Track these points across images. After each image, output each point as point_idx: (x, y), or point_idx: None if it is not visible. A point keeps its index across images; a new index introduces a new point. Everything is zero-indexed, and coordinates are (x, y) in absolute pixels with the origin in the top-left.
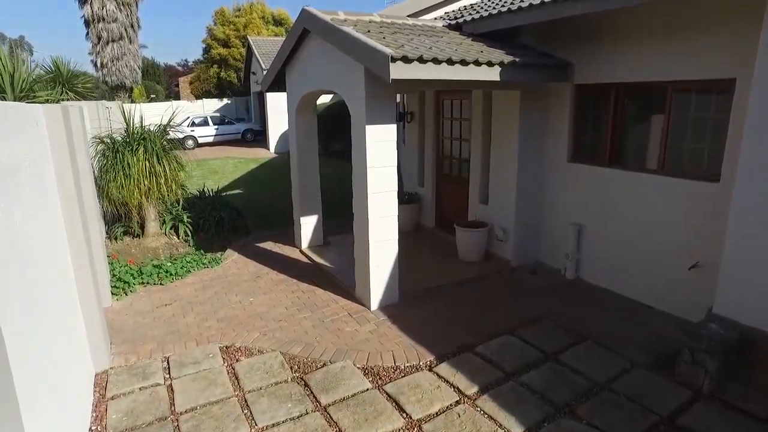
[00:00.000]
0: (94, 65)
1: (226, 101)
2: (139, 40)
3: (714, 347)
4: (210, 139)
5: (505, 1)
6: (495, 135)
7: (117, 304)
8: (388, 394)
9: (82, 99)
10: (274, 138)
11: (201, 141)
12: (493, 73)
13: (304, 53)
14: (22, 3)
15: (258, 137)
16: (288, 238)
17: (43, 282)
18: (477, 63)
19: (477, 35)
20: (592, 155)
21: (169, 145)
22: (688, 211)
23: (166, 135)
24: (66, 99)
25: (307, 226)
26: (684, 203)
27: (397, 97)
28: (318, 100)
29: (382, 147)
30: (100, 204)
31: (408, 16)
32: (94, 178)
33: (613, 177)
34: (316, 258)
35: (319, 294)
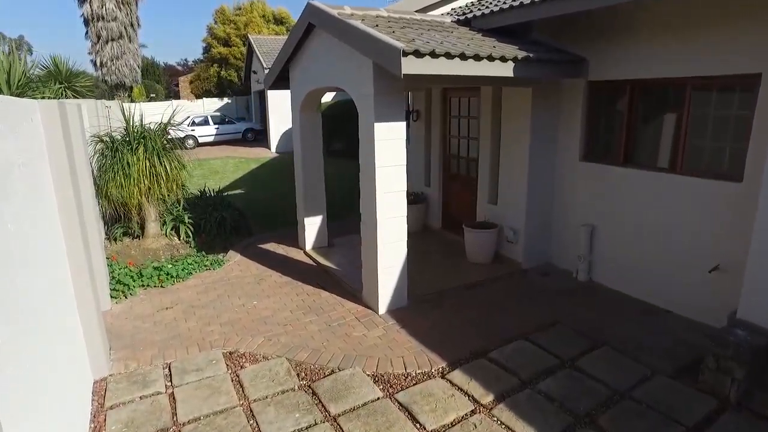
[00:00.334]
0: (94, 64)
1: (226, 101)
2: (139, 40)
3: (741, 354)
4: (210, 138)
5: None
6: (505, 133)
7: (116, 308)
8: (400, 403)
9: (81, 98)
10: (275, 137)
11: (201, 140)
12: (506, 69)
13: (309, 49)
14: (22, 3)
15: (259, 137)
16: (291, 239)
17: (36, 287)
18: (490, 58)
19: (487, 31)
20: (605, 154)
21: (169, 144)
22: (708, 211)
23: (167, 134)
24: (65, 98)
25: (312, 226)
26: (703, 203)
27: None
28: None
29: (391, 145)
30: (99, 204)
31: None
32: (93, 177)
33: (628, 176)
34: (321, 260)
35: (325, 297)
